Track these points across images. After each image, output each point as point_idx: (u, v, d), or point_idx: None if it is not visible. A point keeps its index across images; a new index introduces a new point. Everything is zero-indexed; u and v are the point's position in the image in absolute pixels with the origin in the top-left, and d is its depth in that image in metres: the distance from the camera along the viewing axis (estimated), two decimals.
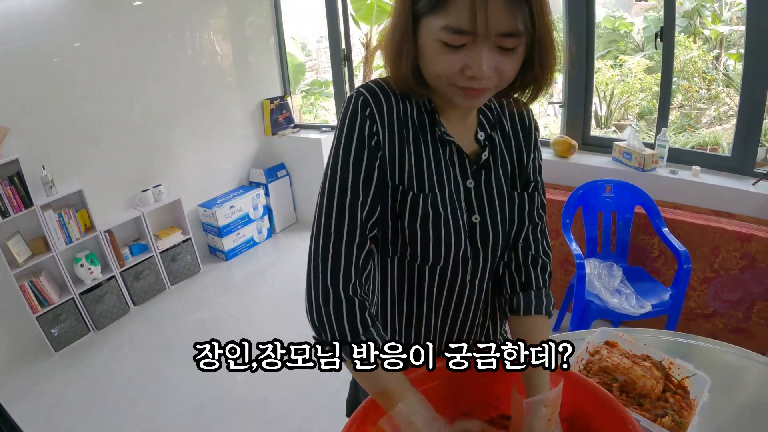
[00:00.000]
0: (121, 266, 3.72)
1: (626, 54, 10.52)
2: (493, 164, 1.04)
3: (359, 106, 0.92)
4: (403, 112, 0.96)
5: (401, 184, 0.95)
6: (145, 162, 3.98)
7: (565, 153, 3.38)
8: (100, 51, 3.55)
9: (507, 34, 0.78)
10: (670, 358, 1.29)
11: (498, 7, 0.75)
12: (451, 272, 1.03)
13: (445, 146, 0.98)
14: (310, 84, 9.43)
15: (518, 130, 1.09)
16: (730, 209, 2.95)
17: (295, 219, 5.21)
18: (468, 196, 1.01)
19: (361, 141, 0.91)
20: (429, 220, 0.96)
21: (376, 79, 0.97)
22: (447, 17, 0.78)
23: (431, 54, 0.84)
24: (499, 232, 1.04)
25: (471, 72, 0.82)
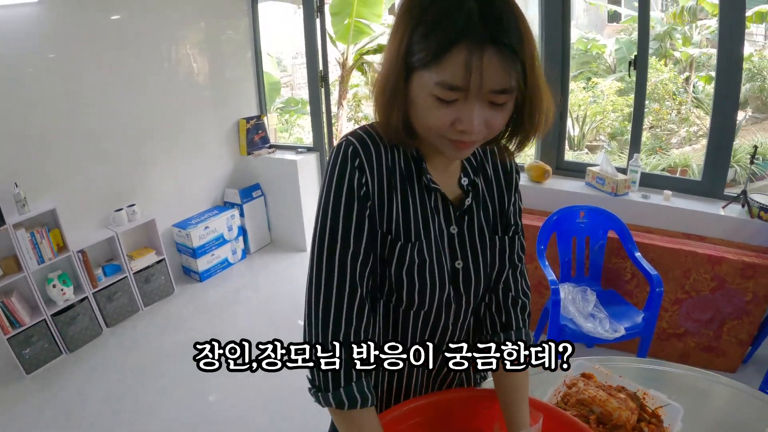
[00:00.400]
0: (94, 287, 3.65)
1: (598, 75, 10.69)
2: (476, 209, 1.05)
3: (349, 156, 0.92)
4: (391, 160, 0.96)
5: (389, 233, 0.96)
6: (119, 181, 3.93)
7: (540, 178, 3.43)
8: (76, 65, 3.50)
9: (499, 91, 0.80)
10: (644, 389, 1.31)
11: (492, 66, 0.77)
12: (434, 316, 1.05)
13: (430, 193, 1.00)
14: (285, 102, 9.41)
15: (500, 174, 1.11)
16: (700, 232, 3.03)
17: (270, 240, 5.17)
18: (452, 242, 1.02)
19: (350, 192, 0.92)
20: (415, 268, 0.97)
21: (365, 126, 0.98)
22: (441, 73, 0.78)
23: (423, 107, 0.84)
24: (481, 276, 1.06)
25: (462, 126, 0.83)
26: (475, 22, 0.75)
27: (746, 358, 3.04)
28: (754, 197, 2.94)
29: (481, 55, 0.75)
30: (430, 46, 0.78)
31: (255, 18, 4.78)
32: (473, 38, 0.75)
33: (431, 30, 0.78)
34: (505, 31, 0.76)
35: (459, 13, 0.76)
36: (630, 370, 1.51)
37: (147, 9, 3.88)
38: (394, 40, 0.84)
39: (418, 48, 0.79)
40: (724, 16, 2.95)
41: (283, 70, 12.27)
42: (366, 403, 0.93)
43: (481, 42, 0.75)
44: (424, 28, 0.78)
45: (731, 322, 2.90)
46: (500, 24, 0.76)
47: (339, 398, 0.91)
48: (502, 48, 0.76)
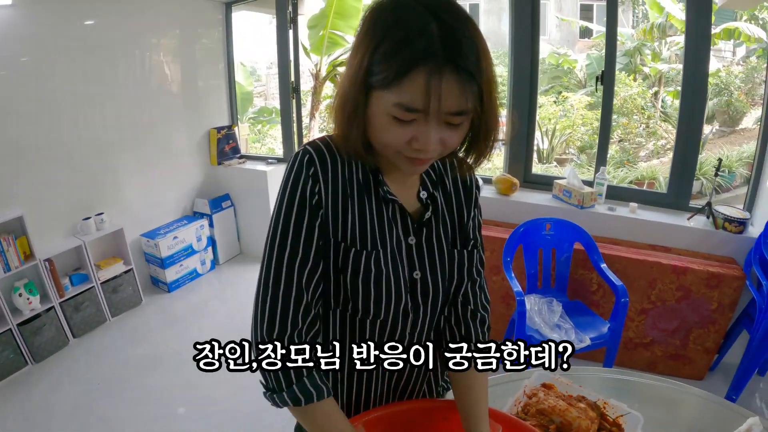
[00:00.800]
0: (60, 297, 3.56)
1: (569, 90, 10.84)
2: (435, 222, 1.07)
3: (304, 164, 0.94)
4: (348, 171, 0.98)
5: (344, 241, 0.97)
6: (88, 189, 3.86)
7: (507, 191, 3.46)
8: (48, 70, 3.44)
9: (456, 113, 0.81)
10: (604, 399, 1.32)
11: (450, 89, 0.78)
12: (391, 325, 1.05)
13: (388, 205, 1.01)
14: (258, 111, 9.38)
15: (459, 188, 1.12)
16: (666, 243, 3.09)
17: (239, 251, 5.13)
18: (409, 252, 1.03)
19: (302, 200, 0.94)
20: (371, 277, 0.98)
21: (325, 137, 1.00)
22: (400, 95, 0.79)
23: (380, 125, 0.86)
24: (439, 287, 1.07)
25: (418, 145, 0.85)
26: (435, 45, 0.76)
27: (713, 365, 3.10)
28: (719, 209, 3.01)
29: (440, 78, 0.77)
30: (390, 67, 0.79)
31: (229, 27, 4.77)
32: (433, 62, 0.76)
33: (392, 52, 0.79)
34: (464, 55, 0.78)
35: (421, 36, 0.77)
36: (596, 380, 1.51)
37: (121, 15, 3.84)
38: (354, 58, 0.85)
39: (378, 69, 0.80)
40: (690, 32, 3.03)
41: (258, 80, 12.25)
42: (322, 395, 0.95)
43: (441, 66, 0.77)
44: (385, 49, 0.79)
45: (697, 331, 2.95)
46: (459, 48, 0.78)
47: (293, 395, 0.93)
48: (460, 72, 0.78)
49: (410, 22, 0.78)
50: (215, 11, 4.65)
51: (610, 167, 8.13)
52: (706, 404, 1.43)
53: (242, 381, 3.06)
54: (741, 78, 10.41)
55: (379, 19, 0.82)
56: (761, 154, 3.06)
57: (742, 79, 10.37)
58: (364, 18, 0.85)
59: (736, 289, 2.78)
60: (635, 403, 1.32)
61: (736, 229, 2.92)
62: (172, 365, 3.36)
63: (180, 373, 3.25)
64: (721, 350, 3.05)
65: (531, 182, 3.68)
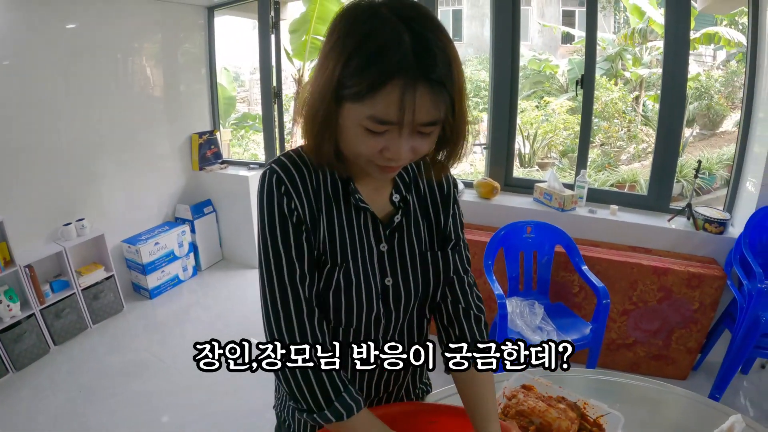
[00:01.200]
0: (41, 303, 3.51)
1: (551, 95, 10.91)
2: (406, 226, 1.06)
3: (274, 184, 0.94)
4: (316, 183, 0.98)
5: (321, 255, 0.98)
6: (68, 194, 3.81)
7: (488, 194, 3.48)
8: (29, 73, 3.40)
9: (428, 123, 0.81)
10: (584, 399, 1.32)
11: (423, 102, 0.78)
12: (364, 333, 1.05)
13: (359, 213, 1.01)
14: (240, 117, 9.37)
15: (435, 189, 1.12)
16: (646, 245, 3.11)
17: (222, 256, 5.10)
18: (381, 259, 1.03)
19: (282, 218, 0.94)
20: (341, 289, 0.98)
21: (289, 152, 0.99)
22: (374, 108, 0.79)
23: (352, 136, 0.85)
24: (411, 291, 1.06)
25: (390, 155, 0.85)
26: (409, 57, 0.76)
27: (696, 365, 3.13)
28: (699, 210, 3.05)
29: (414, 91, 0.77)
30: (363, 81, 0.77)
31: (211, 32, 4.76)
32: (407, 74, 0.76)
33: (366, 65, 0.77)
34: (436, 66, 0.77)
35: (395, 47, 0.76)
36: (579, 381, 1.52)
37: (103, 19, 3.81)
38: (324, 69, 0.83)
39: (350, 82, 0.79)
40: (669, 37, 3.07)
41: (241, 86, 12.23)
42: (360, 406, 0.95)
43: (415, 78, 0.76)
44: (357, 62, 0.78)
45: (679, 331, 2.97)
46: (432, 59, 0.77)
47: (337, 412, 0.93)
48: (432, 83, 0.77)
49: (383, 33, 0.77)
50: (198, 16, 4.63)
51: (592, 170, 8.19)
52: (689, 403, 1.44)
53: (225, 388, 3.07)
54: (721, 82, 10.53)
55: (351, 29, 0.80)
56: (740, 157, 3.10)
57: (722, 83, 10.50)
58: (333, 26, 0.84)
59: (717, 289, 2.81)
60: (617, 403, 1.32)
61: (717, 230, 2.95)
62: (155, 372, 3.33)
63: (163, 380, 3.21)
64: (703, 350, 3.07)
65: (512, 186, 3.70)
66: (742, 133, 3.09)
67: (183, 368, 3.34)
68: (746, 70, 3.02)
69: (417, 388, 1.29)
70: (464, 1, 12.86)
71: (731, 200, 3.17)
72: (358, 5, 0.82)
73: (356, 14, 0.81)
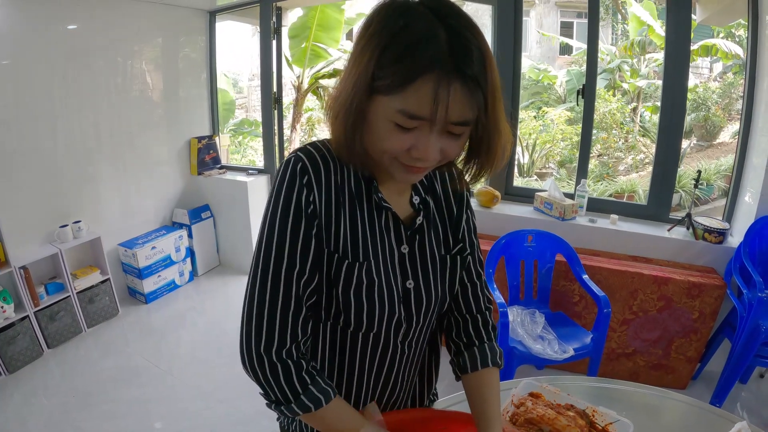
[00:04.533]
0: (35, 306, 3.47)
1: (549, 105, 10.96)
2: (426, 228, 1.05)
3: (297, 172, 0.91)
4: (341, 178, 0.95)
5: (336, 252, 0.94)
6: (65, 196, 3.78)
7: (489, 203, 3.47)
8: (28, 74, 3.39)
9: (460, 122, 0.80)
10: (593, 407, 1.30)
11: (457, 99, 0.76)
12: (384, 337, 1.03)
13: (381, 212, 0.99)
14: (239, 123, 9.37)
15: (449, 192, 1.11)
16: (646, 254, 3.10)
17: (218, 262, 5.07)
18: (402, 261, 1.01)
19: (298, 209, 0.91)
20: (363, 289, 0.96)
21: (315, 142, 0.97)
22: (405, 101, 0.77)
23: (380, 132, 0.83)
24: (432, 296, 1.05)
25: (418, 154, 0.83)
26: (444, 52, 0.74)
27: (695, 374, 3.12)
28: (699, 220, 3.05)
29: (448, 87, 0.75)
30: (396, 72, 0.76)
31: (212, 37, 4.76)
32: (442, 69, 0.74)
33: (399, 57, 0.76)
34: (471, 62, 0.76)
35: (430, 42, 0.75)
36: (580, 388, 1.51)
37: (105, 21, 3.80)
38: (358, 62, 0.81)
39: (383, 73, 0.78)
40: (669, 49, 3.08)
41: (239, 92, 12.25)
42: (329, 396, 0.94)
43: (449, 74, 0.75)
44: (392, 53, 0.77)
45: (679, 340, 2.97)
46: (467, 55, 0.76)
47: (303, 405, 0.92)
48: (467, 80, 0.76)
49: (418, 27, 0.76)
50: (199, 20, 4.63)
51: (590, 181, 8.20)
52: (693, 410, 1.43)
53: (220, 395, 3.05)
54: (718, 93, 10.59)
55: (386, 23, 0.79)
56: (739, 167, 3.10)
57: (719, 95, 10.56)
58: (368, 20, 0.82)
59: (717, 299, 2.80)
60: (622, 410, 1.31)
61: (716, 240, 2.95)
62: (150, 378, 3.29)
63: (157, 386, 3.18)
64: (703, 359, 3.06)
65: (512, 195, 3.69)
66: (741, 143, 3.09)
67: (178, 374, 3.32)
68: (745, 81, 3.03)
69: (427, 399, 1.27)
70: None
71: (730, 210, 3.17)
72: (393, 1, 0.81)
73: (392, 9, 0.80)
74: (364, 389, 1.09)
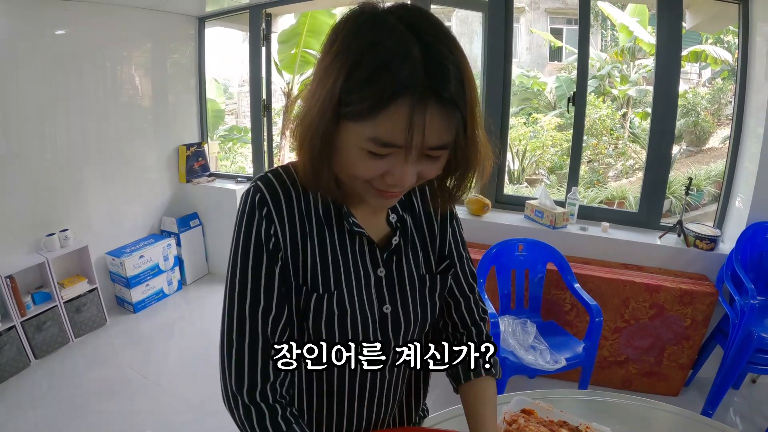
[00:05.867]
0: (22, 315, 3.41)
1: (539, 111, 11.00)
2: (404, 248, 1.00)
3: (256, 204, 0.87)
4: (305, 205, 0.91)
5: (304, 284, 0.91)
6: (52, 203, 3.74)
7: (479, 212, 3.46)
8: (15, 79, 3.35)
9: (438, 147, 0.75)
10: (586, 423, 1.28)
11: (434, 123, 0.71)
12: (370, 387, 1.02)
13: (354, 237, 0.95)
14: (228, 129, 9.34)
15: (430, 208, 1.05)
16: (638, 262, 3.11)
17: (207, 271, 5.03)
18: (379, 285, 0.97)
19: (258, 244, 0.88)
20: (335, 320, 0.92)
21: (278, 168, 0.93)
22: (376, 129, 0.71)
23: (350, 159, 0.77)
24: (411, 319, 1.00)
25: (392, 180, 0.77)
26: (419, 72, 0.68)
27: (688, 381, 3.12)
28: (690, 227, 3.05)
29: (424, 111, 0.69)
30: (366, 98, 0.69)
31: (201, 43, 4.73)
32: (416, 92, 0.68)
33: (369, 79, 0.69)
34: (448, 82, 0.69)
35: (403, 61, 0.68)
36: (573, 402, 1.49)
37: (93, 27, 3.77)
38: (323, 83, 0.74)
39: (352, 98, 0.71)
40: (660, 55, 3.09)
41: (230, 98, 12.23)
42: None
43: (424, 96, 0.69)
44: (360, 75, 0.70)
45: (671, 348, 2.97)
46: (444, 74, 0.69)
47: None
48: (444, 103, 0.70)
49: (389, 44, 0.69)
50: (188, 26, 4.60)
51: (581, 187, 8.23)
52: (684, 421, 1.42)
53: (209, 407, 3.01)
54: (707, 99, 10.66)
55: (353, 39, 0.72)
56: (730, 173, 3.11)
57: (708, 100, 10.63)
58: (334, 34, 0.76)
59: (709, 305, 2.80)
60: (615, 424, 1.29)
61: (708, 247, 2.95)
62: (138, 389, 3.25)
63: (145, 398, 3.14)
64: (695, 366, 3.06)
65: (503, 203, 3.68)
66: (732, 149, 3.10)
67: (167, 385, 3.27)
68: (736, 86, 3.04)
69: (416, 415, 1.23)
70: (453, 19, 12.94)
71: (721, 216, 3.18)
72: (362, 12, 0.74)
73: (360, 22, 0.73)
74: (346, 415, 1.06)
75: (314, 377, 1.00)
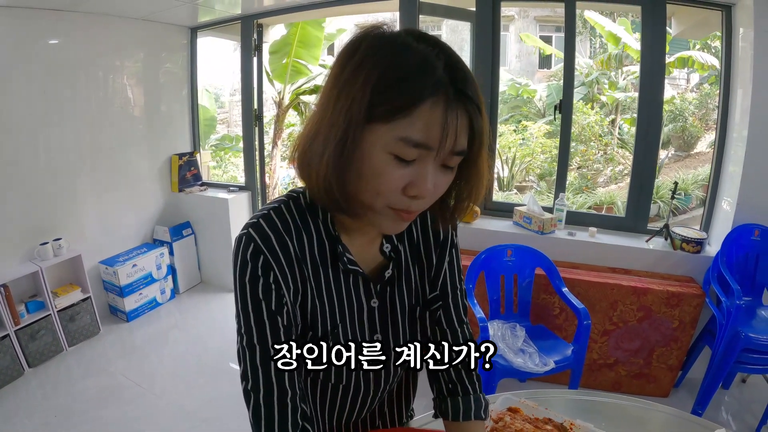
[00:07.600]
0: (16, 324, 3.42)
1: (528, 119, 11.04)
2: (397, 278, 0.99)
3: (250, 256, 0.84)
4: (299, 247, 0.89)
5: (303, 321, 0.92)
6: (45, 212, 3.75)
7: (468, 218, 3.51)
8: (7, 88, 3.37)
9: (459, 152, 0.75)
10: (570, 420, 1.31)
11: (463, 125, 0.72)
12: (354, 387, 1.03)
13: (348, 275, 0.94)
14: (220, 138, 9.34)
15: (429, 235, 1.04)
16: (626, 265, 3.14)
17: (200, 279, 5.03)
18: (371, 315, 0.98)
19: (256, 300, 0.85)
20: (331, 353, 0.91)
21: (268, 210, 0.89)
22: (408, 128, 0.70)
23: (375, 167, 0.74)
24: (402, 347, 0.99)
25: (416, 191, 0.75)
26: (445, 76, 0.70)
27: (677, 382, 3.15)
28: (677, 230, 3.10)
29: (456, 113, 0.70)
30: (399, 95, 0.68)
31: (193, 52, 4.76)
32: (447, 92, 0.69)
33: (401, 78, 0.69)
34: (471, 88, 0.72)
35: (431, 65, 0.69)
36: (561, 401, 1.51)
37: (86, 36, 3.80)
38: (347, 89, 0.72)
39: (382, 98, 0.69)
40: (645, 62, 3.14)
41: (221, 107, 12.23)
42: None
43: (455, 98, 0.70)
44: (393, 74, 0.69)
45: (660, 349, 3.00)
46: (469, 82, 0.72)
47: None
48: (471, 105, 0.72)
49: (418, 48, 0.71)
50: (180, 36, 4.63)
51: (570, 193, 8.27)
52: (673, 420, 1.44)
53: (202, 415, 3.02)
54: (695, 104, 10.75)
55: (380, 47, 0.72)
56: (716, 176, 3.16)
57: (696, 105, 10.72)
58: (352, 48, 0.75)
59: (696, 307, 2.84)
60: (603, 422, 1.32)
61: (694, 249, 2.99)
62: (131, 397, 3.25)
63: (139, 406, 3.14)
64: (684, 367, 3.10)
65: (492, 209, 3.71)
66: (717, 153, 3.15)
67: (160, 393, 3.28)
68: (720, 92, 3.10)
69: (406, 416, 1.25)
70: (444, 27, 13.01)
71: (707, 219, 3.23)
72: (374, 28, 0.75)
73: (378, 35, 0.74)
74: (335, 421, 1.09)
75: (317, 400, 1.04)
